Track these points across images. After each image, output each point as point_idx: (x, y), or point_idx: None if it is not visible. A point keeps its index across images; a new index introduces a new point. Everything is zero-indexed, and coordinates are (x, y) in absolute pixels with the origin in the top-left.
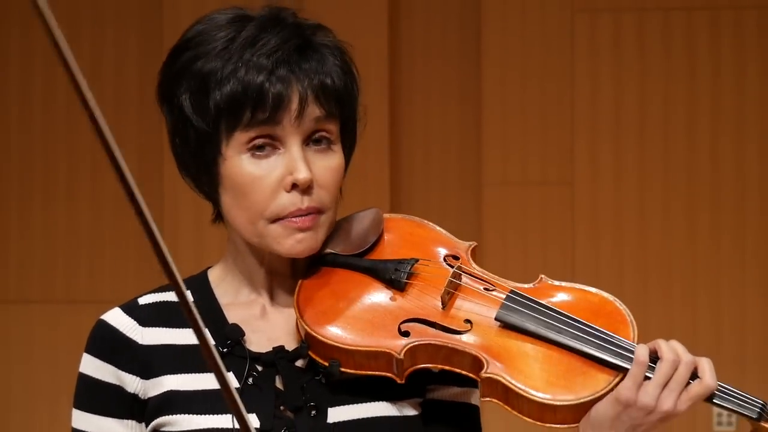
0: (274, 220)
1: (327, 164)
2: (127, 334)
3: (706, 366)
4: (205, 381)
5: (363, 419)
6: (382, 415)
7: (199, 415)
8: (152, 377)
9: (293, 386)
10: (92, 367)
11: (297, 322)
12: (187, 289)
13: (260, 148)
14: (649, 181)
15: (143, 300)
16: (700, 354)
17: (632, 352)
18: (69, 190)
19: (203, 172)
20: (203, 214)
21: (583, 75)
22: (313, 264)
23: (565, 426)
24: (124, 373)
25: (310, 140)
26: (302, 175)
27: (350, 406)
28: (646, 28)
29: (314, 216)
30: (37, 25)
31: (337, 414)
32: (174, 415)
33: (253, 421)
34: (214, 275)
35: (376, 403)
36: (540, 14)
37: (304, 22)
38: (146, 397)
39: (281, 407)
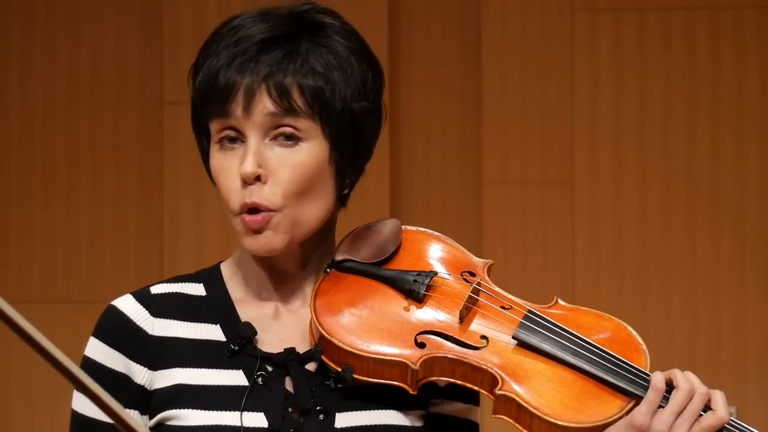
0: (236, 213)
1: (286, 159)
2: (138, 323)
3: (719, 398)
4: (215, 377)
5: (371, 426)
6: (390, 424)
7: (207, 411)
8: (160, 369)
9: (303, 389)
10: (99, 352)
11: (312, 325)
12: (199, 282)
13: (232, 140)
14: (649, 181)
15: (155, 289)
16: (700, 354)
17: (646, 379)
18: (69, 190)
19: (207, 162)
20: (203, 214)
21: (583, 75)
22: (330, 269)
23: None
24: (132, 362)
25: (276, 134)
26: (245, 168)
27: (358, 412)
28: (646, 28)
29: (265, 215)
30: (38, 25)
31: (344, 419)
32: (181, 410)
33: (261, 421)
34: (227, 269)
35: (385, 411)
36: (540, 14)
37: (316, 19)
38: (152, 389)
39: (290, 409)
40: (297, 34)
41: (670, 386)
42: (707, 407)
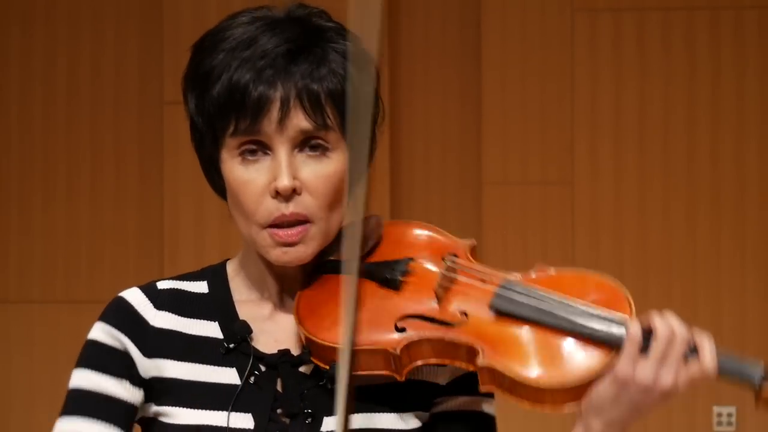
0: (264, 226)
1: (319, 171)
2: (141, 312)
3: (705, 343)
4: (208, 373)
5: (357, 429)
6: (378, 427)
7: (195, 410)
8: (155, 357)
9: (292, 391)
10: (102, 332)
11: (297, 329)
12: (203, 279)
13: (252, 152)
14: (649, 181)
15: (162, 285)
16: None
17: (627, 327)
18: (69, 190)
19: (211, 169)
20: (203, 213)
21: (583, 75)
22: (314, 272)
23: (565, 408)
24: (132, 344)
25: (306, 145)
26: (283, 182)
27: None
28: (646, 28)
29: (302, 228)
30: (38, 25)
31: (332, 422)
32: (171, 407)
33: (248, 422)
34: (231, 268)
35: (377, 413)
36: (540, 14)
37: (318, 24)
38: (147, 377)
39: (278, 411)
40: (314, 43)
41: (651, 332)
42: (694, 349)
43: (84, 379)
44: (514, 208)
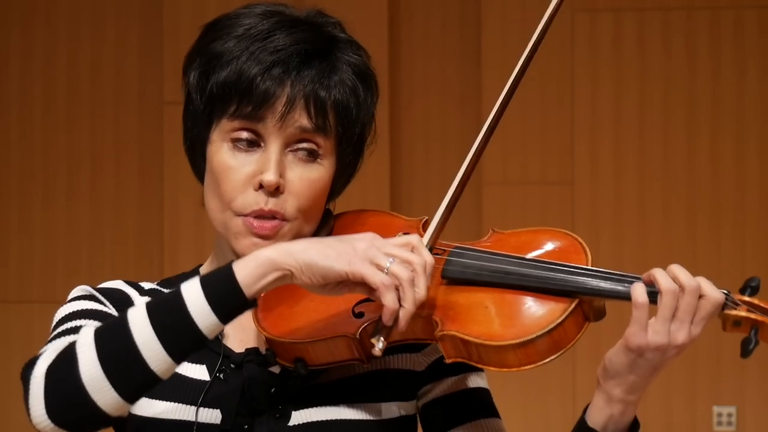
0: (239, 214)
1: (305, 174)
2: (129, 294)
3: (704, 284)
4: (180, 368)
5: (323, 422)
6: (345, 419)
7: (166, 402)
8: None
9: (260, 388)
10: (88, 294)
11: (256, 328)
12: (180, 282)
13: (244, 140)
14: (649, 181)
15: (145, 285)
16: (701, 354)
17: (586, 273)
18: (69, 190)
19: (195, 150)
20: (203, 213)
21: (583, 75)
22: None
23: (528, 367)
24: (115, 312)
25: (298, 147)
26: (268, 177)
27: (316, 408)
28: (646, 28)
29: (276, 224)
30: (38, 25)
31: (300, 417)
32: (144, 397)
33: (216, 417)
34: (204, 270)
35: (344, 406)
36: (540, 14)
37: (334, 33)
38: None
39: (246, 407)
40: (327, 51)
41: (654, 289)
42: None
43: (75, 305)
44: (514, 208)
